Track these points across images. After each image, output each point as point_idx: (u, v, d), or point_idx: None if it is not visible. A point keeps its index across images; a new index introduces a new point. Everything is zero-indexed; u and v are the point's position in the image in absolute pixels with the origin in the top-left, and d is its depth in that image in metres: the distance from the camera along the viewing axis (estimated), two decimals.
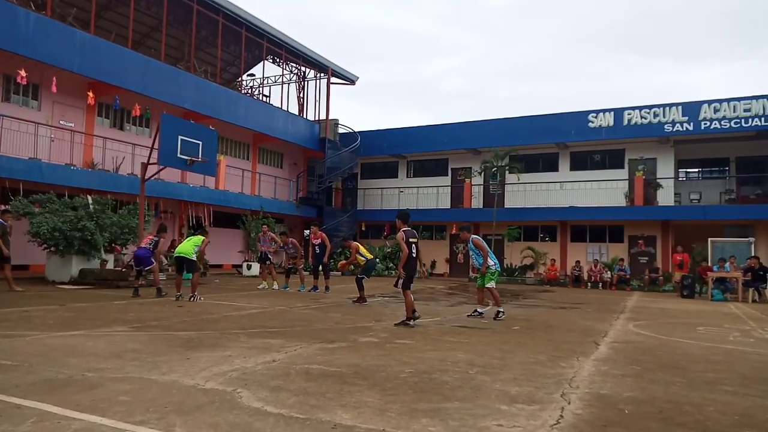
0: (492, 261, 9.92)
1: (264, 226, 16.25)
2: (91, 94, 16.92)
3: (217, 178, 20.71)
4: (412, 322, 8.13)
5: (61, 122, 17.25)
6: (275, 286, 14.55)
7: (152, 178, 15.25)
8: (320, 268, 13.85)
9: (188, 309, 9.63)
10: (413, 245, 8.32)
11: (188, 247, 11.53)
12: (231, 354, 5.66)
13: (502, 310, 9.63)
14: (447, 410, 3.92)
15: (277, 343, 6.37)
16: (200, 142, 15.00)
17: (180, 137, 14.40)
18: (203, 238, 11.84)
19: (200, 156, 14.92)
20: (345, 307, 10.82)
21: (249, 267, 20.96)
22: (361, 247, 12.39)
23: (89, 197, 14.98)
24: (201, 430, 3.34)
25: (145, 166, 14.69)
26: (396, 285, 8.56)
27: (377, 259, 11.92)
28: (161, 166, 14.69)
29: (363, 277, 11.83)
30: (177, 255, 11.58)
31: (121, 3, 21.11)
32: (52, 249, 13.86)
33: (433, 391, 4.43)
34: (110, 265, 15.12)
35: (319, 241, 13.76)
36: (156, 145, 14.32)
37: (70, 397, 3.93)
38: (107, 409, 3.66)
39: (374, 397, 4.20)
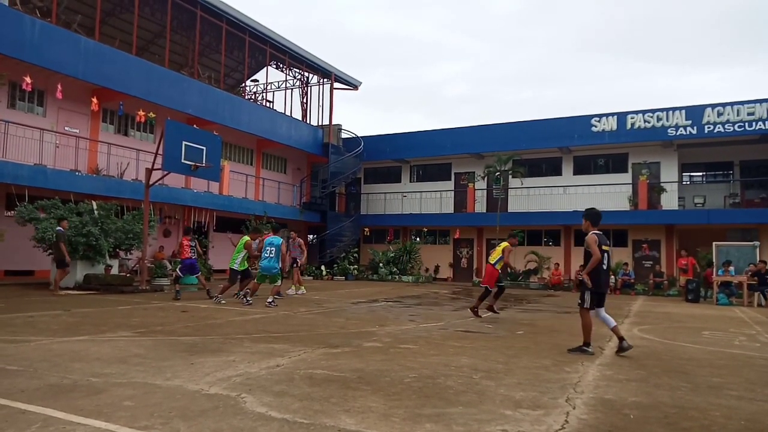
0: None
1: (293, 233, 16.05)
2: (95, 100, 17.02)
3: (220, 184, 20.78)
4: (590, 348, 6.72)
5: (66, 128, 17.34)
6: (302, 291, 14.57)
7: (156, 184, 15.30)
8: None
9: (192, 314, 9.64)
10: (606, 254, 6.83)
11: (235, 256, 11.96)
12: (235, 359, 5.66)
13: None
14: (451, 415, 3.91)
15: (280, 348, 6.37)
16: (204, 148, 15.07)
17: (184, 143, 14.46)
18: (246, 238, 11.95)
19: (204, 161, 14.98)
20: (349, 312, 10.81)
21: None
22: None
23: (94, 203, 15.04)
24: None
25: (149, 172, 14.74)
26: (581, 303, 6.82)
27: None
28: (165, 172, 14.75)
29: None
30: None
31: (125, 9, 21.26)
32: (53, 255, 13.89)
33: (437, 396, 4.42)
34: (115, 271, 15.17)
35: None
36: (160, 151, 14.38)
37: (74, 402, 3.95)
38: (112, 414, 3.67)
39: (378, 402, 4.20)
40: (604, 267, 6.74)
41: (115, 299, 11.91)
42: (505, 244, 10.91)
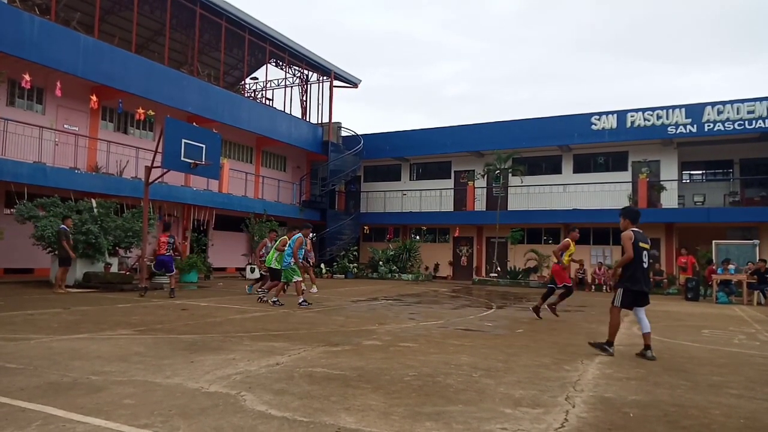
0: None
1: (306, 230, 15.16)
2: (94, 97, 16.99)
3: (220, 182, 20.77)
4: (611, 348, 6.61)
5: (65, 126, 17.32)
6: (314, 289, 14.47)
7: (156, 182, 15.28)
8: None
9: (192, 312, 9.64)
10: (644, 252, 6.58)
11: (271, 255, 11.68)
12: (235, 357, 5.66)
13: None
14: (451, 413, 3.91)
15: (280, 346, 6.37)
16: (204, 146, 15.03)
17: (183, 141, 14.43)
18: (284, 237, 11.55)
19: (204, 159, 14.95)
20: (348, 310, 10.82)
21: (252, 270, 20.97)
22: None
23: (93, 201, 15.03)
24: None
25: (148, 170, 14.71)
26: (613, 301, 6.68)
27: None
28: (165, 170, 14.71)
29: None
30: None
31: (125, 7, 21.22)
32: (57, 252, 13.90)
33: (437, 395, 4.42)
34: (114, 269, 15.17)
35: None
36: (159, 149, 14.35)
37: (74, 400, 3.95)
38: (112, 413, 3.67)
39: (378, 400, 4.20)
40: (644, 265, 6.52)
41: (114, 297, 11.91)
42: (567, 240, 10.70)
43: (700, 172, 25.00)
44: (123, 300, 11.38)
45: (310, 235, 13.87)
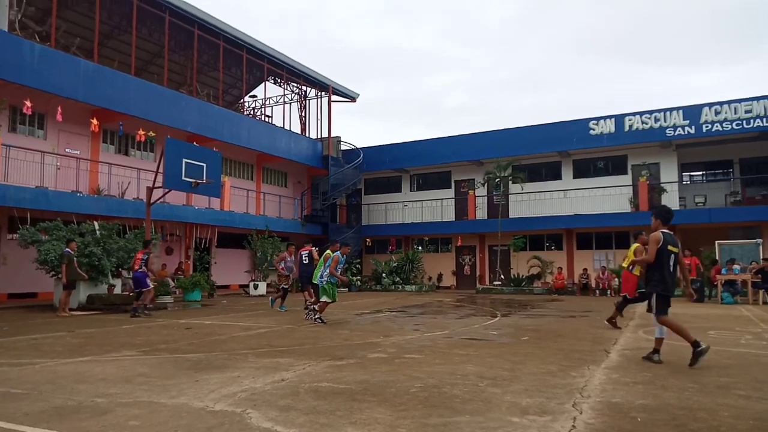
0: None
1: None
2: (95, 121, 17.14)
3: (222, 199, 20.85)
4: (702, 346, 6.11)
5: (66, 150, 17.45)
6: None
7: (158, 202, 15.37)
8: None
9: (196, 331, 9.63)
10: (671, 255, 6.26)
11: (316, 272, 11.24)
12: (239, 374, 5.65)
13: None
14: (458, 424, 3.89)
15: (285, 362, 6.36)
16: (204, 165, 15.15)
17: (184, 160, 14.55)
18: (328, 251, 11.00)
19: (204, 178, 15.06)
20: (353, 324, 10.79)
21: (255, 287, 20.97)
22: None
23: (96, 223, 15.09)
24: None
25: (150, 190, 14.81)
26: (650, 309, 6.43)
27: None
28: (166, 190, 14.81)
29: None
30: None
31: (124, 31, 21.48)
32: (60, 276, 13.92)
33: (443, 405, 4.40)
34: (118, 290, 15.18)
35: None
36: (161, 169, 14.46)
37: (79, 423, 3.94)
38: None
39: (384, 413, 4.18)
40: (670, 269, 6.20)
41: (118, 319, 11.90)
42: (636, 245, 10.19)
43: (700, 173, 24.99)
44: (127, 321, 11.37)
45: (311, 249, 13.71)
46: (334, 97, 28.30)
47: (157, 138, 18.21)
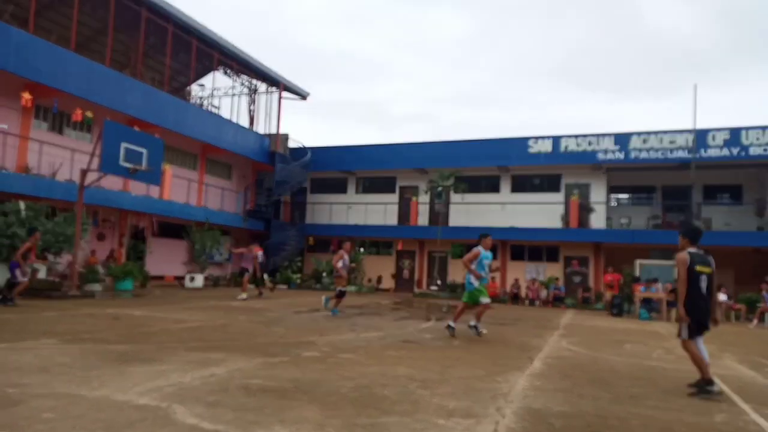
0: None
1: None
2: (27, 95, 16.13)
3: (161, 188, 20.12)
4: (714, 387, 5.58)
5: None
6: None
7: (92, 186, 14.67)
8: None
9: (125, 321, 9.28)
10: (702, 276, 5.70)
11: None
12: (167, 368, 5.51)
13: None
14: (386, 425, 3.98)
15: (217, 358, 6.25)
16: (144, 151, 14.62)
17: (123, 145, 13.99)
18: (477, 248, 9.48)
19: (144, 164, 14.52)
20: (289, 321, 10.72)
21: (192, 279, 20.39)
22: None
23: (21, 203, 14.23)
24: None
25: (84, 173, 14.13)
26: (679, 334, 5.81)
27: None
28: (102, 174, 14.18)
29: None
30: None
31: (64, 3, 20.34)
32: None
33: (373, 406, 4.48)
34: (42, 275, 14.38)
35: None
36: (97, 152, 13.83)
37: None
38: (27, 428, 3.49)
39: (314, 411, 4.21)
40: (702, 291, 5.67)
41: (41, 305, 11.28)
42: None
43: (627, 195, 26.56)
44: (50, 308, 10.80)
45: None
46: (284, 94, 27.95)
47: (96, 119, 17.37)
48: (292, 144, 28.57)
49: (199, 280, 20.47)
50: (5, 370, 5.12)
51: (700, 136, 21.12)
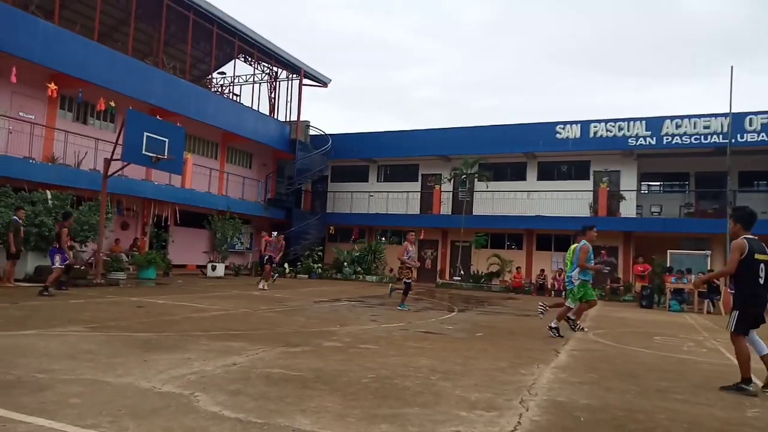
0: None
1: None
2: (52, 86, 16.37)
3: (183, 177, 20.31)
4: (751, 386, 5.28)
5: (20, 114, 16.65)
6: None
7: (115, 175, 14.87)
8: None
9: (148, 310, 9.40)
10: (761, 265, 5.31)
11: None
12: (190, 357, 5.55)
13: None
14: (407, 416, 3.93)
15: (238, 346, 6.27)
16: (167, 140, 14.73)
17: (146, 134, 14.11)
18: (584, 242, 9.09)
19: (166, 153, 14.64)
20: (310, 311, 10.74)
21: (213, 268, 20.61)
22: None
23: (48, 192, 14.50)
24: None
25: (108, 162, 14.31)
26: (729, 325, 5.47)
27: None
28: (125, 163, 14.35)
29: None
30: None
31: None
32: (6, 245, 13.33)
33: (393, 397, 4.43)
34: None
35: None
36: (120, 141, 13.98)
37: (17, 399, 3.79)
38: (57, 412, 3.53)
39: (335, 402, 4.18)
40: (761, 281, 5.29)
41: (67, 292, 11.50)
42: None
43: (658, 183, 25.85)
44: (76, 296, 11.01)
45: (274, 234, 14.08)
46: (305, 81, 27.88)
47: (119, 108, 17.56)
48: (312, 132, 28.58)
49: (220, 269, 20.68)
50: (35, 355, 5.22)
51: (737, 120, 20.27)
